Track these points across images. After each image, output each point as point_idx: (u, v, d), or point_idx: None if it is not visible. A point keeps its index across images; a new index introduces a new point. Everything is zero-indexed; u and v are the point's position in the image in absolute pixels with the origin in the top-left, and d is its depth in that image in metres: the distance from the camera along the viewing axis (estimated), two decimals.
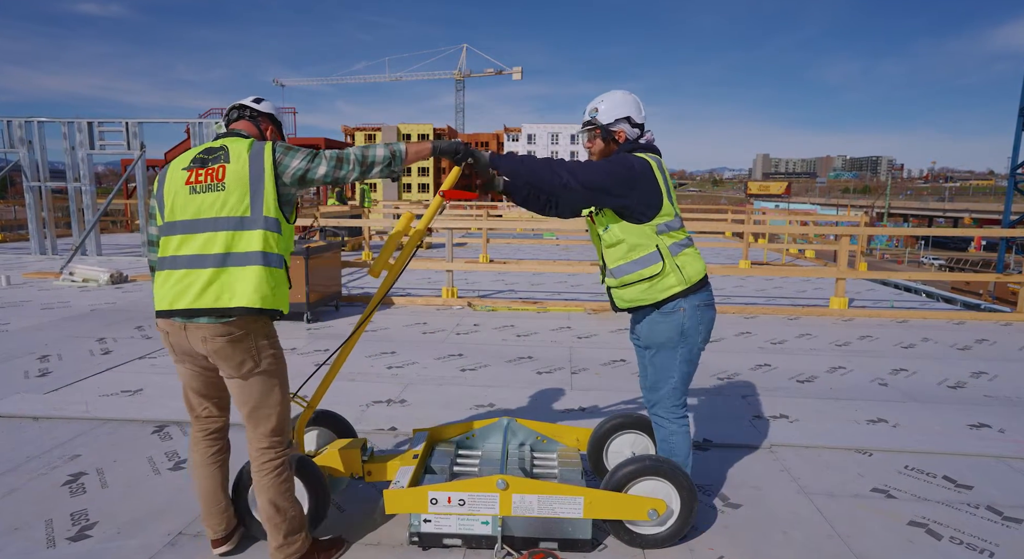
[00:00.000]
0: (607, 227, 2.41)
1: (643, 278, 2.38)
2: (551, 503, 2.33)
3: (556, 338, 5.97)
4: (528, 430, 2.92)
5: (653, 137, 2.53)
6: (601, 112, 2.46)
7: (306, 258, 6.28)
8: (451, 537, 2.40)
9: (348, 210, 13.81)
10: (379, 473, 2.70)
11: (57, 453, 3.28)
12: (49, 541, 2.46)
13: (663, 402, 2.52)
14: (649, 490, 2.39)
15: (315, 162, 2.08)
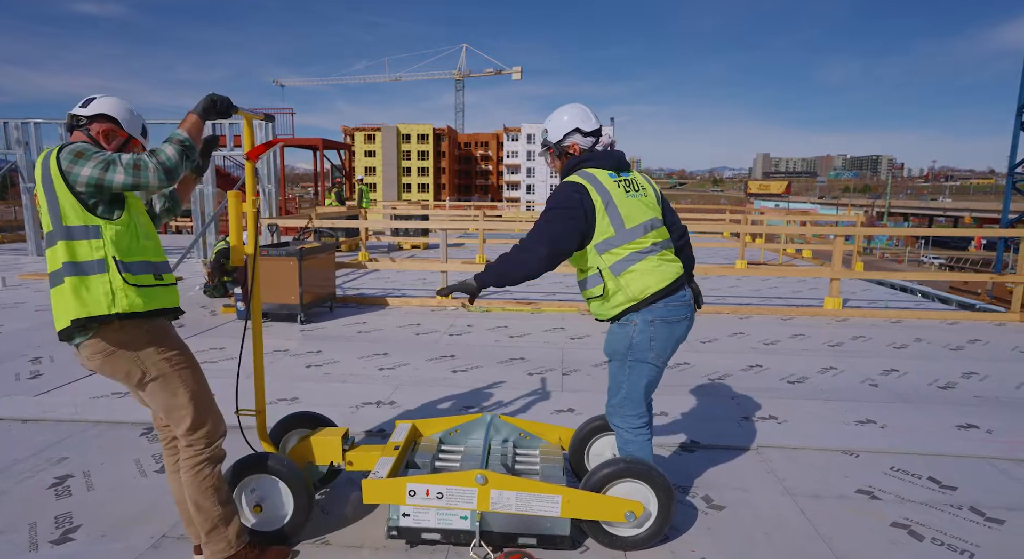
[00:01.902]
0: None
1: (594, 295, 2.44)
2: (529, 500, 2.34)
3: (549, 339, 5.98)
4: (511, 426, 2.93)
5: (609, 140, 2.49)
6: (550, 132, 2.50)
7: (299, 259, 6.29)
8: (430, 531, 2.41)
9: (345, 211, 13.82)
10: (360, 462, 2.71)
11: (44, 455, 3.29)
12: (32, 544, 2.46)
13: (617, 411, 2.53)
14: (627, 492, 2.40)
15: (110, 171, 1.95)
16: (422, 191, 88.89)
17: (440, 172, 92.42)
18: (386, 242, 14.71)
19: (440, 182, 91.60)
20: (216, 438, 2.24)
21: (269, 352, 5.40)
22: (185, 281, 9.23)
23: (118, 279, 2.01)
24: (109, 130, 2.15)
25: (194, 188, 2.56)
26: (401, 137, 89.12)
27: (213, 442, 2.22)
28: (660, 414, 4.00)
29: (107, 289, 1.99)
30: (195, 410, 2.17)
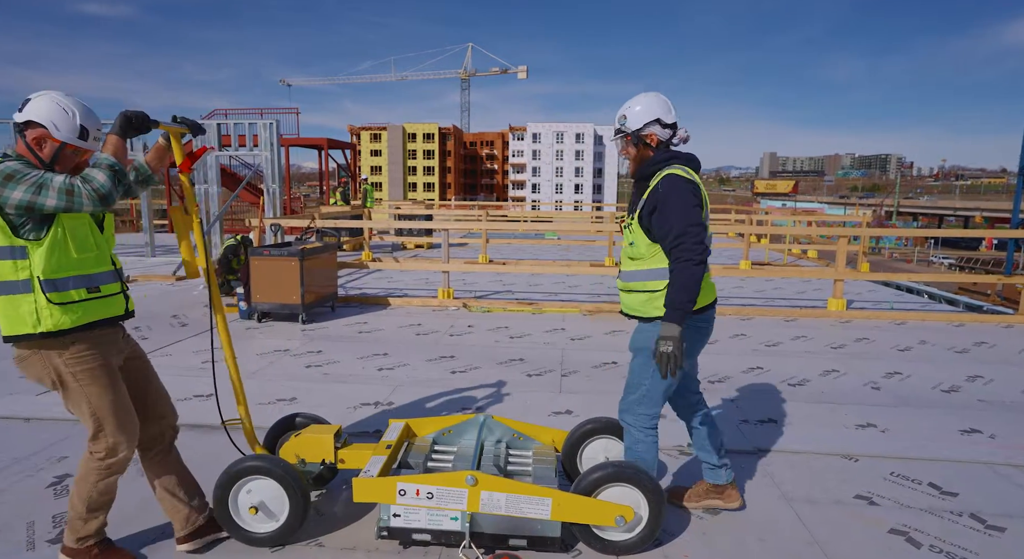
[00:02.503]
0: (632, 242, 2.45)
1: (646, 290, 2.41)
2: (519, 502, 2.34)
3: (549, 340, 5.96)
4: (505, 427, 2.92)
5: (687, 135, 2.50)
6: (629, 118, 2.45)
7: (301, 260, 6.30)
8: (420, 532, 2.41)
9: (349, 210, 13.85)
10: (351, 461, 2.72)
11: (44, 455, 3.31)
12: (29, 543, 2.48)
13: (632, 408, 2.53)
14: (618, 496, 2.39)
15: (42, 194, 1.96)
16: (428, 190, 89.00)
17: (446, 171, 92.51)
18: (390, 242, 14.73)
19: (446, 181, 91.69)
20: (115, 454, 2.24)
21: (269, 352, 5.42)
22: (189, 280, 9.28)
23: (42, 299, 2.05)
24: (40, 137, 2.10)
25: (167, 162, 2.52)
26: (407, 136, 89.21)
27: (110, 457, 2.23)
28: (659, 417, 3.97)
29: (32, 309, 2.05)
30: (95, 425, 2.20)
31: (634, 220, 2.44)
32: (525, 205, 43.94)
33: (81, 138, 2.16)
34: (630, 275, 2.48)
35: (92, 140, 2.20)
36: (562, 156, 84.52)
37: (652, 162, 2.44)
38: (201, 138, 2.08)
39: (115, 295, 2.27)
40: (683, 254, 2.27)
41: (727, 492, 2.76)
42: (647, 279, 2.42)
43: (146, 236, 12.20)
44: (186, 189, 2.50)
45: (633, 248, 2.44)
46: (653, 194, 2.35)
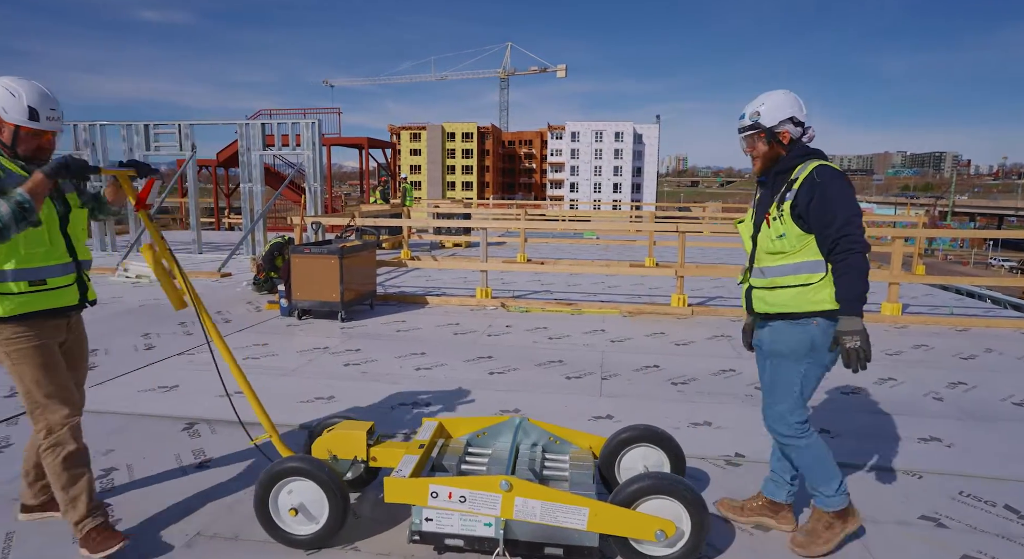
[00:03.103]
0: (783, 234, 2.34)
1: (798, 283, 2.34)
2: (554, 511, 2.25)
3: (589, 341, 5.84)
4: (541, 430, 2.84)
5: (814, 133, 2.47)
6: (764, 115, 2.40)
7: (340, 258, 6.34)
8: (453, 538, 2.35)
9: (388, 209, 13.97)
10: (384, 459, 2.67)
11: (93, 447, 3.31)
12: (74, 537, 2.51)
13: (785, 418, 2.44)
14: (659, 509, 2.27)
15: None
16: (466, 189, 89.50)
17: (484, 170, 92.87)
18: (428, 240, 14.80)
19: (484, 180, 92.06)
20: (55, 429, 2.35)
21: (309, 349, 5.46)
22: (233, 277, 9.50)
23: None
24: (9, 131, 2.22)
25: (124, 199, 2.64)
26: (446, 136, 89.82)
27: (51, 432, 2.34)
28: (704, 424, 3.83)
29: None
30: (29, 403, 2.34)
31: (785, 211, 2.33)
32: (563, 204, 43.70)
33: (32, 119, 2.22)
34: (777, 270, 2.39)
35: (46, 120, 2.26)
36: (601, 155, 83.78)
37: (793, 156, 2.40)
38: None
39: (64, 287, 2.37)
40: (851, 244, 2.22)
41: (783, 513, 2.61)
42: (799, 272, 2.34)
43: (193, 233, 12.56)
44: (148, 226, 2.56)
45: (782, 241, 2.35)
46: (808, 185, 2.29)
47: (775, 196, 2.41)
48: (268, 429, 2.69)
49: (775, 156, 2.44)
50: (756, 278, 2.49)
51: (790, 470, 2.61)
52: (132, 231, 12.59)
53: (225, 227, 22.00)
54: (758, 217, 2.49)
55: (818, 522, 2.48)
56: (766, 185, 2.49)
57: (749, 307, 2.56)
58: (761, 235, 2.45)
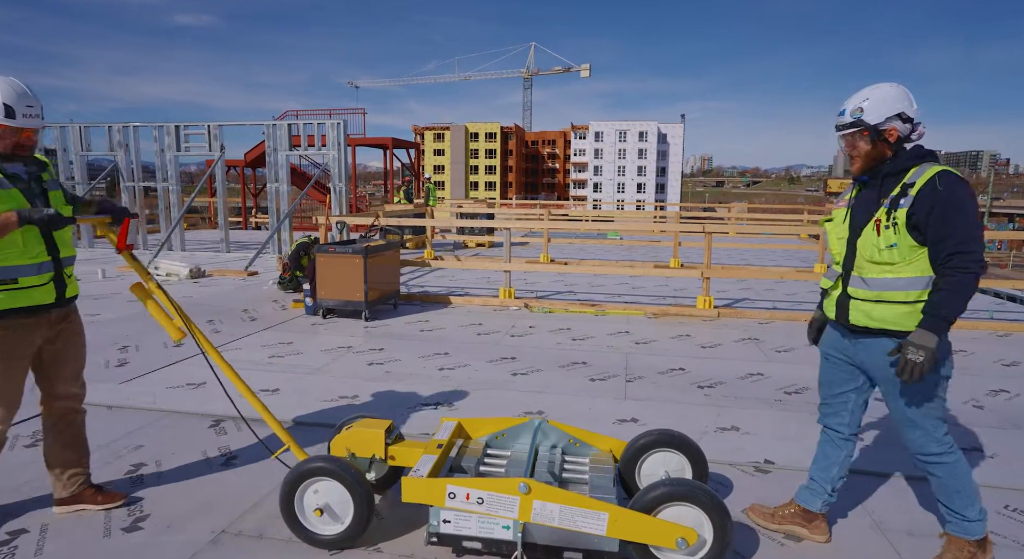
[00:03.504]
0: (894, 244, 2.15)
1: (911, 300, 2.16)
2: (573, 515, 2.21)
3: (613, 343, 5.78)
4: (560, 433, 2.79)
5: (924, 130, 2.25)
6: (867, 111, 2.21)
7: (364, 257, 6.38)
8: (471, 540, 2.32)
9: (412, 209, 14.04)
10: (402, 458, 2.66)
11: (123, 442, 3.45)
12: (106, 531, 2.56)
13: (932, 435, 2.26)
14: (680, 516, 2.22)
15: None
16: (489, 189, 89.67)
17: (507, 170, 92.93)
18: (451, 240, 14.84)
19: (507, 180, 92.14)
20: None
21: (333, 348, 5.50)
22: (259, 275, 9.64)
23: None
24: None
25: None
26: (469, 136, 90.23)
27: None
28: (731, 429, 3.75)
29: None
30: None
31: (899, 220, 2.13)
32: (586, 204, 43.49)
33: (8, 117, 2.26)
34: (885, 283, 2.20)
35: (23, 118, 2.30)
36: (624, 155, 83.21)
37: (908, 157, 2.21)
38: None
39: (38, 287, 2.40)
40: (967, 263, 2.06)
41: (816, 522, 2.53)
42: (911, 288, 2.16)
43: (222, 233, 12.78)
44: (132, 265, 2.62)
45: (891, 252, 2.16)
46: (928, 193, 2.10)
47: (883, 200, 2.21)
48: (286, 440, 2.69)
49: (880, 156, 2.25)
50: (857, 288, 2.29)
51: (832, 481, 2.52)
52: (163, 230, 12.87)
53: (252, 226, 22.38)
54: (857, 219, 2.30)
55: (960, 551, 2.29)
56: (869, 185, 2.31)
57: (841, 317, 2.36)
58: (864, 241, 2.25)
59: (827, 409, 2.57)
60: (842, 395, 2.49)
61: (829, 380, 2.54)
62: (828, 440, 2.57)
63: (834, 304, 2.40)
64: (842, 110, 2.28)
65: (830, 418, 2.55)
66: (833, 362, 2.50)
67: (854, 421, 2.51)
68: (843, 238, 2.35)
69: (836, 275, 2.40)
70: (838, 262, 2.40)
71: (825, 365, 2.55)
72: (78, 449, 2.73)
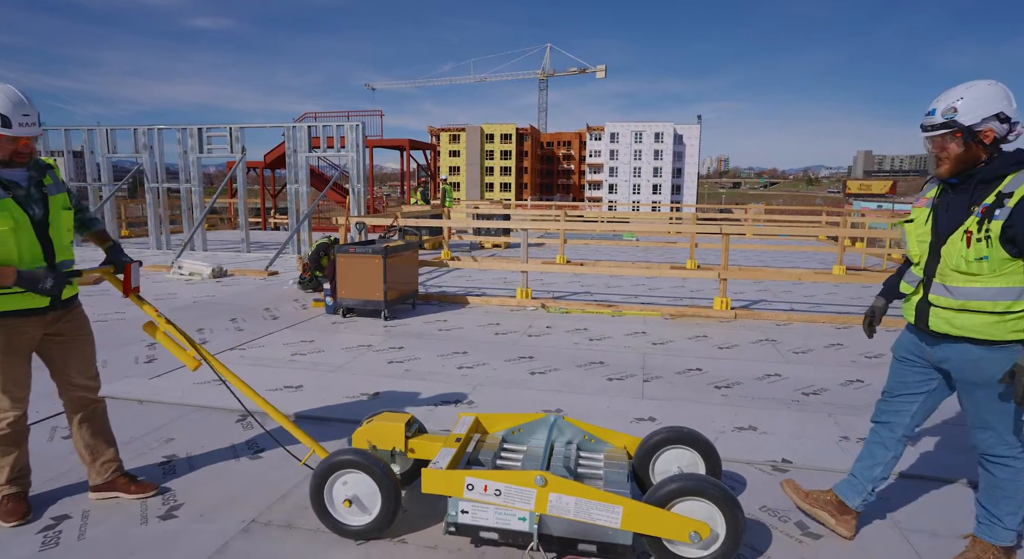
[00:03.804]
0: (985, 257, 2.07)
1: (999, 310, 2.09)
2: (588, 508, 2.26)
3: (630, 343, 5.81)
4: (576, 429, 2.85)
5: (1022, 130, 2.13)
6: (962, 111, 2.09)
7: (384, 257, 6.48)
8: (488, 530, 2.38)
9: (429, 210, 14.16)
10: (421, 451, 2.73)
11: (154, 435, 3.57)
12: (143, 518, 2.67)
13: (1004, 439, 2.23)
14: (693, 511, 2.26)
15: None
16: (504, 190, 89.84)
17: (522, 171, 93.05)
18: (468, 241, 14.94)
19: (522, 181, 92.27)
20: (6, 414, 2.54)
21: (354, 347, 5.60)
22: (280, 275, 9.80)
23: None
24: None
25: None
26: (485, 137, 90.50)
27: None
28: (749, 428, 3.77)
29: None
30: None
31: (993, 233, 2.04)
32: (601, 205, 43.37)
33: (4, 126, 2.33)
34: (971, 293, 2.13)
35: (19, 127, 2.36)
36: (640, 156, 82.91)
37: (1005, 163, 2.09)
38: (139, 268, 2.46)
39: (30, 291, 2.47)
40: None
41: (847, 517, 2.55)
42: (1000, 299, 2.08)
43: (242, 233, 12.99)
44: (142, 306, 2.82)
45: (980, 264, 2.07)
46: None
47: (974, 207, 2.11)
48: (311, 445, 2.77)
49: (972, 159, 2.13)
50: (939, 295, 2.22)
51: (874, 481, 2.52)
52: (185, 230, 13.12)
53: (271, 227, 22.69)
54: (943, 224, 2.21)
55: (984, 554, 2.31)
56: (958, 189, 2.20)
57: (921, 322, 2.31)
58: (950, 249, 2.16)
59: (887, 406, 2.55)
60: (909, 396, 2.47)
61: (900, 382, 2.50)
62: (878, 440, 2.56)
63: (913, 309, 2.35)
64: (931, 110, 2.16)
65: (888, 416, 2.53)
66: (907, 364, 2.47)
67: (913, 423, 2.49)
68: (925, 242, 2.28)
69: (917, 280, 2.33)
70: (916, 263, 2.34)
71: (897, 367, 2.52)
72: (105, 438, 2.86)
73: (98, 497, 2.81)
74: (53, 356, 2.70)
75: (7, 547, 2.44)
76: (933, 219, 2.26)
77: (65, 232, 2.62)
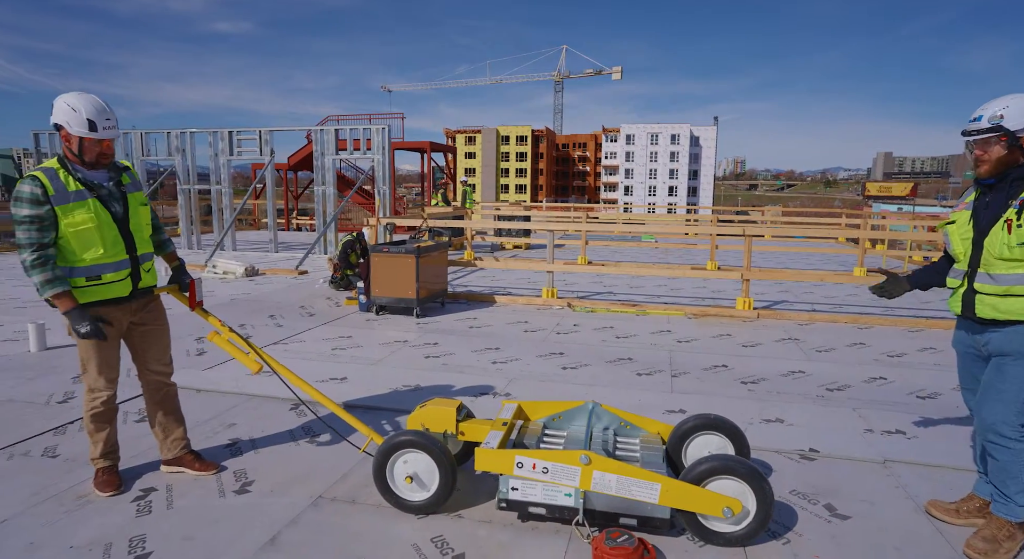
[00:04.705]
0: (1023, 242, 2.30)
1: None
2: (629, 485, 2.46)
3: (656, 341, 5.99)
4: (612, 415, 3.04)
5: None
6: (1008, 117, 2.32)
7: (417, 257, 6.72)
8: (536, 506, 2.59)
9: (451, 211, 14.42)
10: (471, 434, 2.95)
11: (217, 421, 3.83)
12: (220, 492, 2.92)
13: (1009, 420, 2.40)
14: (726, 488, 2.45)
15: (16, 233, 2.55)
16: (519, 192, 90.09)
17: (538, 173, 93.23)
18: (489, 242, 15.18)
19: (537, 183, 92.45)
20: (93, 394, 2.82)
21: (390, 342, 5.85)
22: (309, 274, 10.10)
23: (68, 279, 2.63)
24: (65, 136, 2.63)
25: None
26: (500, 139, 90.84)
27: (90, 395, 2.83)
28: (776, 421, 3.94)
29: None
30: (81, 369, 2.82)
31: None
32: (617, 207, 43.39)
33: (92, 130, 2.59)
34: (1015, 278, 2.35)
35: (103, 130, 2.62)
36: (656, 158, 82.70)
37: None
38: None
39: (119, 281, 2.75)
40: None
41: None
42: None
43: (270, 233, 13.34)
44: (206, 318, 3.09)
45: (1022, 249, 2.29)
46: None
47: (1011, 201, 2.35)
48: (370, 434, 3.00)
49: (1013, 161, 2.37)
50: (984, 283, 2.44)
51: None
52: (216, 232, 13.50)
53: (293, 228, 23.11)
54: (984, 221, 2.44)
55: (999, 530, 2.45)
56: (997, 188, 2.43)
57: (968, 311, 2.52)
58: (992, 239, 2.39)
59: (967, 396, 2.74)
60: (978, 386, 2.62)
61: (966, 375, 2.71)
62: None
63: (959, 300, 2.56)
64: (978, 116, 2.39)
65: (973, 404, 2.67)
66: (966, 357, 2.68)
67: None
68: (967, 238, 2.50)
69: (961, 274, 2.55)
70: (960, 261, 2.56)
71: (960, 361, 2.74)
72: (176, 418, 3.14)
73: (168, 470, 3.09)
74: (135, 343, 2.97)
75: (108, 514, 2.70)
76: (974, 218, 2.49)
77: (144, 226, 2.89)
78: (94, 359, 2.79)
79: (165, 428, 3.10)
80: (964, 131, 2.43)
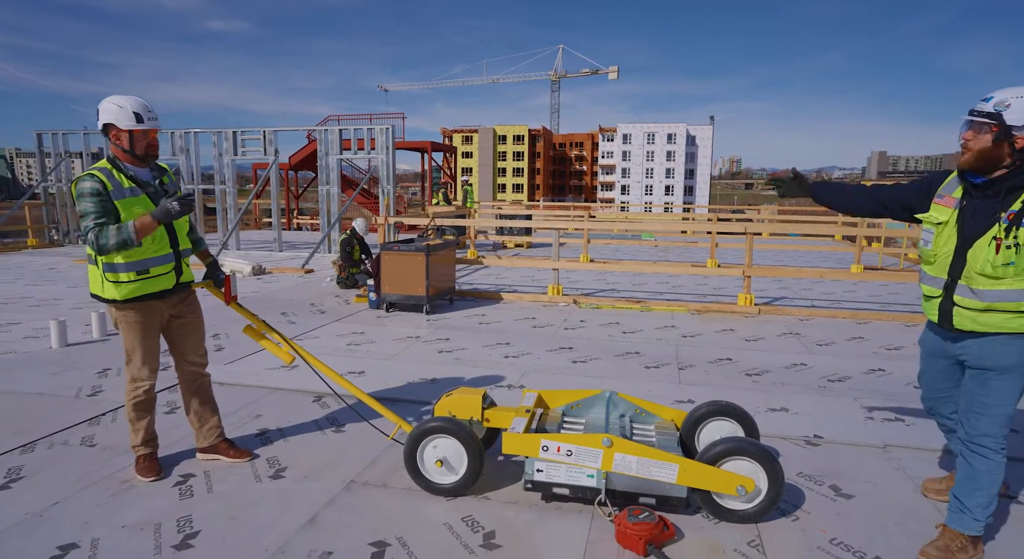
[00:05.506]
0: (1012, 263, 2.14)
1: (1020, 310, 2.20)
2: (648, 465, 2.62)
3: (661, 336, 6.16)
4: (628, 403, 3.20)
5: None
6: (1012, 109, 2.13)
7: (427, 255, 6.87)
8: (560, 487, 2.75)
9: (454, 210, 14.56)
10: (496, 420, 3.11)
11: (244, 412, 3.97)
12: (256, 477, 3.07)
13: (993, 433, 2.32)
14: (739, 468, 2.62)
15: (81, 221, 2.68)
16: (516, 192, 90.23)
17: (534, 173, 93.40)
18: (491, 240, 15.32)
19: (534, 182, 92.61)
20: (135, 383, 2.98)
21: (403, 338, 5.99)
22: (315, 273, 10.23)
23: (99, 275, 2.81)
24: (115, 134, 2.80)
25: None
26: (497, 138, 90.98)
27: (132, 384, 2.98)
28: (781, 410, 4.11)
29: (99, 279, 2.82)
30: (126, 358, 2.98)
31: (1021, 240, 2.12)
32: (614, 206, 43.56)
33: (139, 122, 2.79)
34: (998, 295, 2.21)
35: (148, 120, 2.82)
36: (652, 157, 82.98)
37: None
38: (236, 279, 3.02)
39: (164, 275, 2.91)
40: None
41: None
42: (1023, 299, 2.19)
43: (274, 233, 13.45)
44: (242, 312, 3.23)
45: (1006, 268, 2.15)
46: None
47: (1001, 213, 2.18)
48: (397, 421, 3.15)
49: (995, 158, 2.20)
50: (964, 297, 2.29)
51: None
52: (220, 231, 13.60)
53: (294, 227, 23.21)
54: (969, 228, 2.27)
55: (952, 541, 2.40)
56: (986, 195, 2.25)
57: (945, 322, 2.39)
58: (975, 253, 2.23)
59: (930, 403, 2.77)
60: (945, 390, 2.66)
61: (930, 378, 2.70)
62: (947, 430, 2.79)
63: (936, 310, 2.42)
64: (988, 97, 2.20)
65: (937, 406, 2.73)
66: (934, 362, 2.64)
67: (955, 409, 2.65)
68: (951, 244, 2.33)
69: (940, 283, 2.39)
70: (934, 264, 2.40)
71: (926, 364, 2.70)
72: (211, 407, 3.29)
73: (203, 457, 3.24)
74: (173, 335, 3.12)
75: (152, 497, 2.85)
76: (959, 224, 2.32)
77: (184, 223, 3.06)
78: (139, 349, 2.94)
79: (201, 417, 3.25)
80: (970, 109, 2.25)
